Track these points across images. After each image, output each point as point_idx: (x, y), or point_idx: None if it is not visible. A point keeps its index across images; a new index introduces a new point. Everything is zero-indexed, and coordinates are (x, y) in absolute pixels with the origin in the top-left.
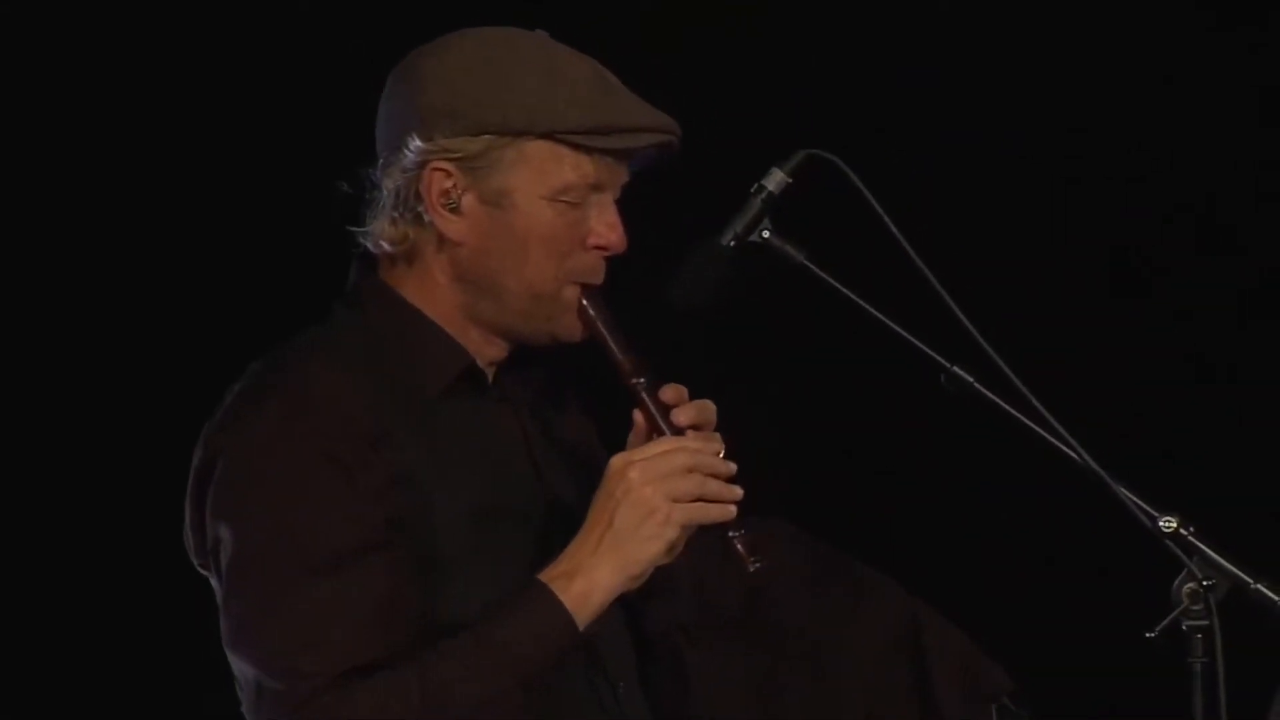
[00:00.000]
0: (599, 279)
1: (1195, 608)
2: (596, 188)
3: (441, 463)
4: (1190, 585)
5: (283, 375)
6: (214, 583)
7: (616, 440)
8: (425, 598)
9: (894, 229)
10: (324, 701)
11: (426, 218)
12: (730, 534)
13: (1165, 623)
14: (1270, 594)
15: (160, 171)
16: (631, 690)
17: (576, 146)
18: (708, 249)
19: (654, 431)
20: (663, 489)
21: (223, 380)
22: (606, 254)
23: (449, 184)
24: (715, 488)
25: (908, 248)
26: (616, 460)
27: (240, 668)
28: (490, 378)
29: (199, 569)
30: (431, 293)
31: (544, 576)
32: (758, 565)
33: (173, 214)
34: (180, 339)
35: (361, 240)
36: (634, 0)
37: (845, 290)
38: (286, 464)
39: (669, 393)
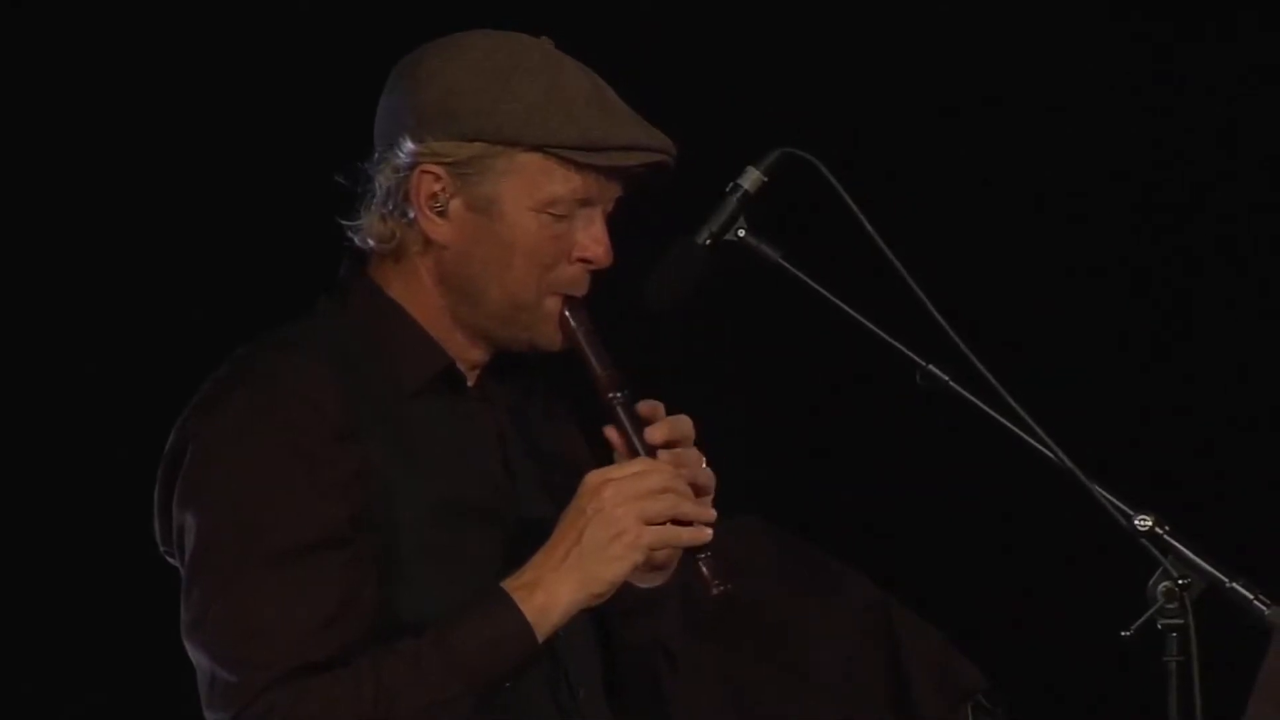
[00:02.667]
0: (582, 290)
1: (1171, 606)
2: (585, 202)
3: (410, 460)
4: (1166, 584)
5: (256, 365)
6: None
7: (607, 451)
8: (385, 595)
9: (869, 227)
10: (275, 696)
11: (414, 217)
12: (697, 556)
13: (1141, 621)
14: (1246, 592)
15: (149, 165)
16: (594, 696)
17: (567, 161)
18: (683, 248)
19: (629, 448)
20: (634, 510)
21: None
22: (591, 267)
23: (438, 187)
24: (689, 509)
25: (883, 246)
26: (592, 477)
27: (196, 658)
28: (474, 380)
29: (165, 557)
30: (416, 292)
31: (507, 585)
32: (721, 589)
33: (164, 209)
34: (170, 332)
35: (351, 235)
36: None
37: (821, 289)
38: (251, 454)
39: (643, 408)
